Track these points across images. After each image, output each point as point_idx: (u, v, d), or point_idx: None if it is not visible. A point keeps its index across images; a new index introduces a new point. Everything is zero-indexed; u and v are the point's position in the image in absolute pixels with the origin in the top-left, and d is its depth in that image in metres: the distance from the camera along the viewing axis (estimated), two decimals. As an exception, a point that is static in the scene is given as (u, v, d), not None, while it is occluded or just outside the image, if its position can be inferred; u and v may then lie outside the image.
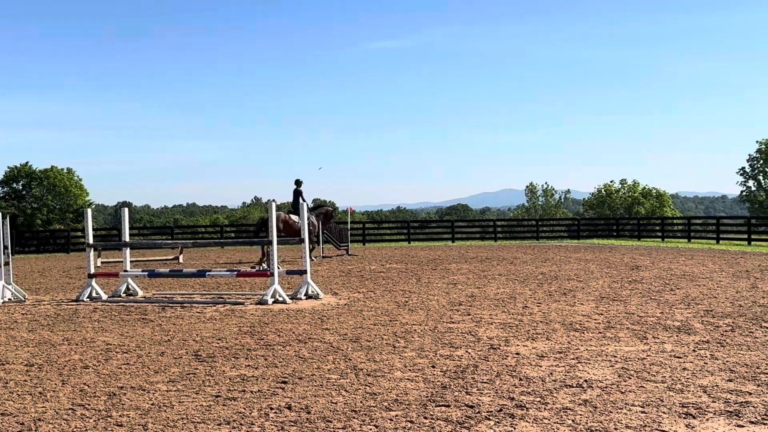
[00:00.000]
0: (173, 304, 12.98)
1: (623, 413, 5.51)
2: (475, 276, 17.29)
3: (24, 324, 10.91)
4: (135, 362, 7.79)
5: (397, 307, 11.81)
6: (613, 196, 74.51)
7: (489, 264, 21.24)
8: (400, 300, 12.78)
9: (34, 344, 9.07)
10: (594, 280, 15.64)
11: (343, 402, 5.99)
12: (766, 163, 69.56)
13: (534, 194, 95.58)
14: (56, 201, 67.95)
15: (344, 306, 12.18)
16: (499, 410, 5.65)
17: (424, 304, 12.09)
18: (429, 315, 10.87)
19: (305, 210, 14.12)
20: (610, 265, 19.82)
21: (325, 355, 7.94)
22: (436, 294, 13.60)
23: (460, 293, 13.65)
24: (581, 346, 8.23)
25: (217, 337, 9.25)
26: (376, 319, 10.60)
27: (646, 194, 73.52)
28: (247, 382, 6.77)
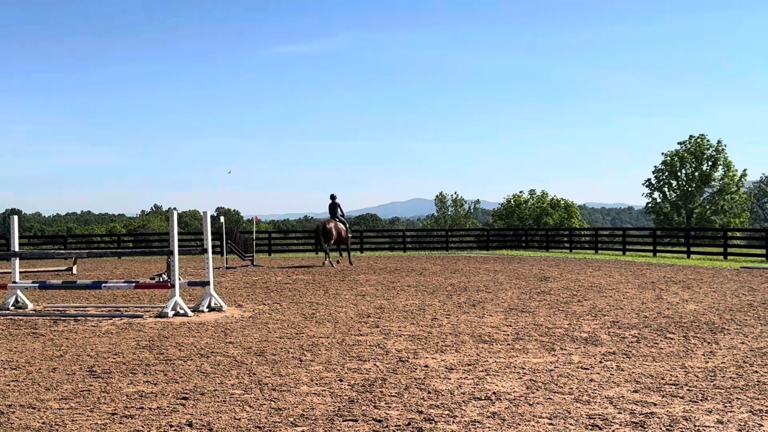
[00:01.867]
0: (66, 317, 12.40)
1: (531, 425, 5.47)
2: (383, 287, 17.20)
3: None
4: (24, 379, 7.37)
5: (303, 320, 11.59)
6: (522, 207, 75.87)
7: (398, 275, 21.22)
8: (307, 312, 12.57)
9: None
10: (503, 292, 15.77)
11: (247, 418, 5.77)
12: (671, 175, 72.19)
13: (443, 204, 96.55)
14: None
15: (249, 318, 11.88)
16: (407, 424, 5.53)
17: (332, 316, 11.91)
18: (337, 327, 10.70)
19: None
20: (519, 276, 20.06)
21: (229, 370, 7.68)
22: (344, 306, 13.44)
23: (368, 305, 13.52)
24: (490, 358, 8.20)
25: (113, 352, 8.85)
26: (282, 331, 10.36)
27: (555, 205, 75.17)
28: (145, 398, 6.48)
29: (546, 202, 75.57)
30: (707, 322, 10.88)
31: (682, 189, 72.20)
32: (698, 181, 70.99)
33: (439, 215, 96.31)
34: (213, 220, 13.36)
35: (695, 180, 71.09)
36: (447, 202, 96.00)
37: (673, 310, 12.32)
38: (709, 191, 72.14)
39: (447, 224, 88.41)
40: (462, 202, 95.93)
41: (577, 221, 73.89)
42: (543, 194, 76.82)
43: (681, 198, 72.23)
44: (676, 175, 72.07)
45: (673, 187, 73.03)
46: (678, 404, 6.09)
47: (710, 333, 9.89)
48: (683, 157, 71.14)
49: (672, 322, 10.89)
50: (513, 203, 76.76)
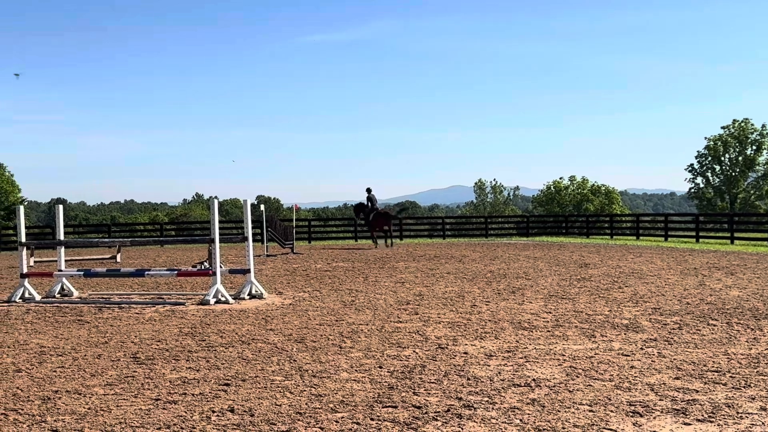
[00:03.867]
0: (110, 304, 12.65)
1: (571, 412, 5.46)
2: (423, 274, 17.24)
3: (-46, 326, 10.51)
4: (70, 365, 7.53)
5: (343, 307, 11.67)
6: (562, 193, 75.37)
7: (437, 262, 21.23)
8: (347, 299, 12.65)
9: (-37, 347, 8.73)
10: (543, 278, 15.71)
11: (288, 404, 5.84)
12: (714, 159, 71.15)
13: (483, 191, 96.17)
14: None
15: (289, 306, 12.00)
16: (446, 410, 5.55)
17: (371, 304, 11.98)
18: (376, 314, 10.75)
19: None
20: (559, 263, 19.96)
21: (269, 357, 7.77)
22: (384, 293, 13.50)
23: (407, 292, 13.57)
24: (529, 345, 8.19)
25: (156, 339, 9.00)
26: (321, 318, 10.45)
27: (596, 191, 74.57)
28: (188, 384, 6.58)
29: (586, 188, 74.98)
30: (751, 309, 10.74)
31: (725, 174, 71.12)
32: (742, 165, 69.87)
33: (478, 202, 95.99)
34: (253, 208, 13.49)
35: (739, 164, 69.98)
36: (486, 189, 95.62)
37: (716, 297, 12.18)
38: (754, 176, 70.99)
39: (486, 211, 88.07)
40: (501, 188, 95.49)
41: (618, 207, 73.24)
42: (583, 180, 76.20)
43: (724, 183, 71.16)
44: (719, 159, 71.00)
45: (716, 172, 71.98)
46: (720, 391, 6.03)
47: (754, 319, 9.76)
48: (727, 142, 70.05)
49: (715, 309, 10.77)
50: (553, 190, 76.26)
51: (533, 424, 5.16)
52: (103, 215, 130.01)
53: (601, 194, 74.17)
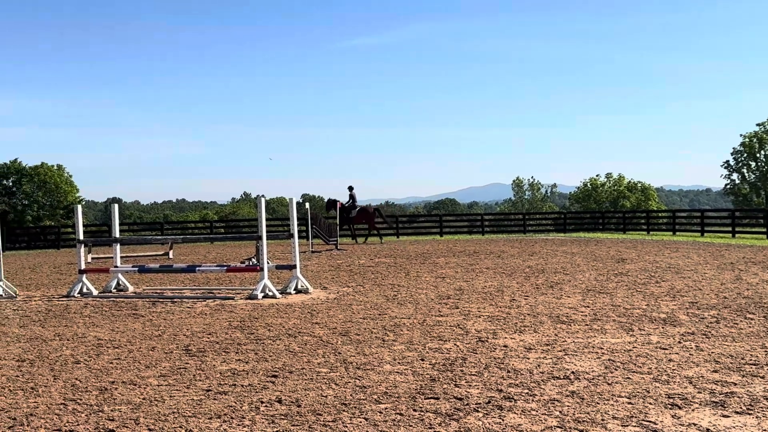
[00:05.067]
0: (163, 299, 13.01)
1: (610, 404, 5.58)
2: (463, 269, 17.36)
3: (15, 320, 10.92)
4: (126, 357, 7.82)
5: (386, 301, 11.86)
6: (598, 190, 74.76)
7: (477, 258, 21.32)
8: (389, 294, 12.84)
9: (25, 340, 9.10)
10: (580, 273, 15.74)
11: (333, 395, 6.03)
12: (749, 156, 70.03)
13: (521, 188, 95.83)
14: (46, 197, 67.61)
15: (334, 300, 12.23)
16: (487, 402, 5.71)
17: (413, 298, 12.16)
18: (418, 308, 10.93)
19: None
20: (597, 258, 19.92)
21: (315, 349, 7.99)
22: (425, 288, 13.67)
23: (448, 287, 13.72)
24: (568, 338, 8.31)
25: (207, 332, 9.29)
26: (365, 312, 10.66)
27: (632, 188, 73.83)
28: (237, 376, 6.81)
29: (623, 185, 74.29)
30: (792, 304, 10.71)
31: (760, 170, 69.96)
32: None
33: (516, 199, 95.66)
34: (299, 206, 13.76)
35: (774, 161, 68.86)
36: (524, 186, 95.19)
37: (753, 291, 12.15)
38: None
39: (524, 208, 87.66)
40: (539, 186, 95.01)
41: (654, 203, 72.45)
42: (620, 177, 75.52)
43: (760, 179, 69.99)
44: (754, 156, 69.90)
45: (751, 168, 70.86)
46: (758, 384, 6.09)
47: (795, 314, 9.74)
48: (762, 139, 68.90)
49: (752, 303, 10.77)
50: (590, 186, 75.68)
51: (573, 416, 5.29)
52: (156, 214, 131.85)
53: (638, 191, 73.41)
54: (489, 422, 5.20)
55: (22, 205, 66.67)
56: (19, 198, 67.47)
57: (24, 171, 67.94)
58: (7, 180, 68.55)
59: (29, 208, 66.55)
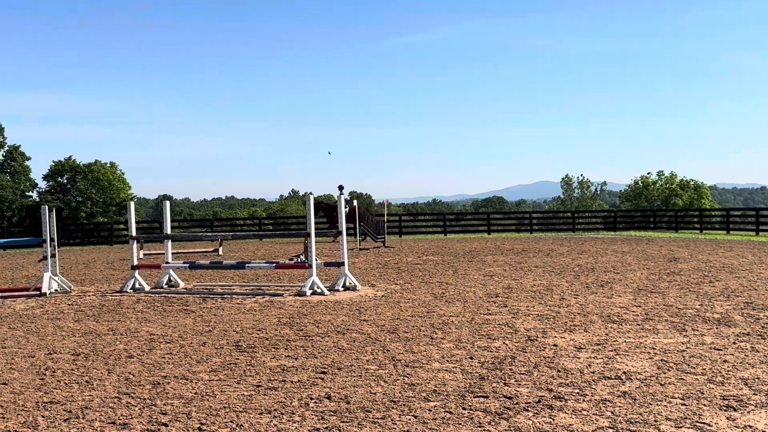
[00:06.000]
0: (214, 295, 13.17)
1: (663, 405, 5.51)
2: (511, 268, 17.27)
3: (70, 314, 11.15)
4: (178, 352, 7.94)
5: (434, 299, 11.86)
6: (650, 188, 73.72)
7: (525, 256, 21.19)
8: (437, 291, 12.83)
9: (80, 334, 9.28)
10: (631, 272, 15.55)
11: (382, 392, 6.05)
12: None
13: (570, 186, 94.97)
14: (100, 194, 68.95)
15: (382, 297, 12.25)
16: (537, 401, 5.67)
17: (461, 296, 12.13)
18: (466, 306, 10.91)
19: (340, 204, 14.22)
20: (648, 257, 19.66)
21: (364, 346, 8.02)
22: (473, 286, 13.62)
23: (496, 285, 13.66)
24: (619, 338, 8.21)
25: (257, 328, 9.38)
26: (413, 310, 10.67)
27: (684, 186, 72.66)
28: (287, 372, 6.87)
29: (675, 183, 73.14)
30: None
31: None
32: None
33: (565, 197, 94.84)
34: (346, 203, 13.79)
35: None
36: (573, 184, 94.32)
37: (815, 292, 11.87)
38: None
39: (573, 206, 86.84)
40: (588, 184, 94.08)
41: (707, 202, 71.18)
42: (671, 175, 74.37)
43: (817, 177, 68.31)
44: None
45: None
46: (816, 387, 5.97)
47: None
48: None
49: (813, 305, 10.52)
50: (641, 185, 74.66)
51: (625, 417, 5.23)
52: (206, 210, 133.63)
53: (690, 189, 72.20)
54: (539, 422, 5.17)
55: (77, 202, 68.11)
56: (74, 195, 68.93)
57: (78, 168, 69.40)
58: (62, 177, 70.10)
59: (83, 204, 67.97)
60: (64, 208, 63.87)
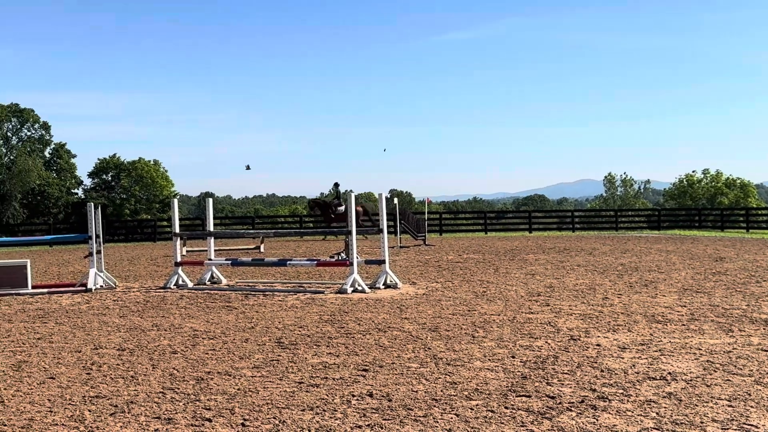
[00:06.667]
0: (256, 292, 13.27)
1: (709, 407, 5.42)
2: (553, 266, 17.14)
3: (115, 310, 11.32)
4: (221, 348, 8.01)
5: (475, 297, 11.81)
6: (695, 187, 72.66)
7: (567, 255, 21.02)
8: (478, 290, 12.78)
9: (125, 330, 9.42)
10: (676, 272, 15.33)
11: (424, 390, 6.04)
12: None
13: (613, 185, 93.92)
14: (143, 191, 70.05)
15: (423, 295, 12.24)
16: (581, 401, 5.62)
17: (503, 295, 12.07)
18: (507, 305, 10.85)
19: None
20: (693, 257, 19.38)
21: (405, 344, 8.02)
22: (514, 284, 13.55)
23: (538, 284, 13.57)
24: (664, 338, 8.11)
25: (298, 325, 9.43)
26: (454, 308, 10.64)
27: (730, 185, 71.50)
28: (328, 369, 6.90)
29: (720, 181, 71.97)
30: None
31: None
32: None
33: (608, 196, 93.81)
34: (387, 201, 13.81)
35: None
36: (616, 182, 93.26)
37: None
38: None
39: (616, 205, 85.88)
40: (632, 182, 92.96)
41: (753, 200, 69.93)
42: (717, 174, 73.19)
43: None
44: None
45: None
46: None
47: None
48: None
49: None
50: (685, 183, 73.61)
51: (670, 418, 5.16)
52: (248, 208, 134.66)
53: (736, 187, 70.99)
54: (583, 422, 5.13)
55: (121, 199, 69.20)
56: (118, 192, 70.05)
57: (122, 166, 70.53)
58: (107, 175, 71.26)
59: (127, 201, 69.05)
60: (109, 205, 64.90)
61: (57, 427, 5.28)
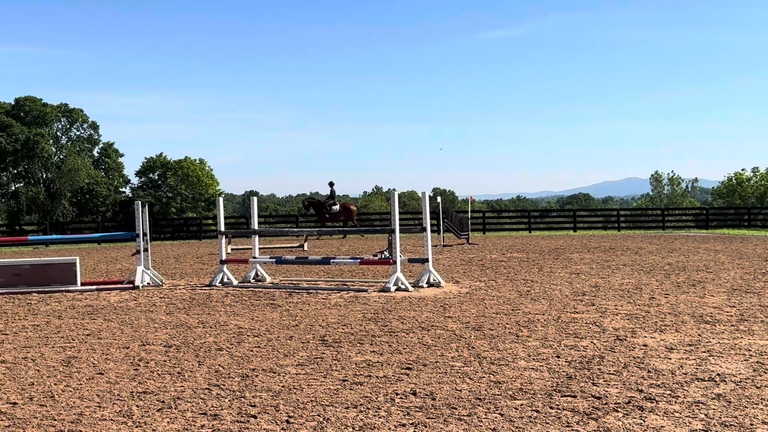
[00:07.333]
0: (299, 290, 13.35)
1: (759, 408, 5.32)
2: (598, 266, 16.96)
3: (162, 307, 11.48)
4: (265, 345, 8.07)
5: (519, 296, 11.74)
6: (744, 185, 71.23)
7: (613, 254, 20.78)
8: (522, 289, 12.70)
9: (171, 326, 9.54)
10: (725, 272, 15.07)
11: (468, 389, 6.03)
12: None
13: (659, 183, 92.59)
14: (189, 190, 70.83)
15: (466, 294, 12.20)
16: (627, 402, 5.56)
17: (547, 294, 11.98)
18: (552, 304, 10.76)
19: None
20: (742, 256, 19.02)
21: (449, 343, 8.00)
22: (559, 284, 13.44)
23: (583, 283, 13.44)
24: (713, 338, 7.97)
25: (342, 323, 9.47)
26: (498, 307, 10.59)
27: (781, 183, 69.96)
28: (372, 367, 6.91)
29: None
30: None
31: None
32: None
33: (654, 194, 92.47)
34: (430, 200, 13.78)
35: None
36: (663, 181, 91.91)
37: None
38: None
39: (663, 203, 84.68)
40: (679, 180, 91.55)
41: (807, 199, 68.32)
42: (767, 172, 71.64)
43: None
44: None
45: None
46: None
47: None
48: None
49: None
50: (734, 181, 72.19)
51: (719, 419, 5.08)
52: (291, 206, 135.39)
53: (787, 186, 69.40)
54: (629, 423, 5.07)
55: (167, 198, 70.07)
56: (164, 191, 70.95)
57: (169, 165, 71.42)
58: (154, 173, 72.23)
59: (173, 200, 69.90)
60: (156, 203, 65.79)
61: (106, 422, 5.36)
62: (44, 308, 11.73)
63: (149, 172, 72.55)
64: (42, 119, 66.49)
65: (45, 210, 62.53)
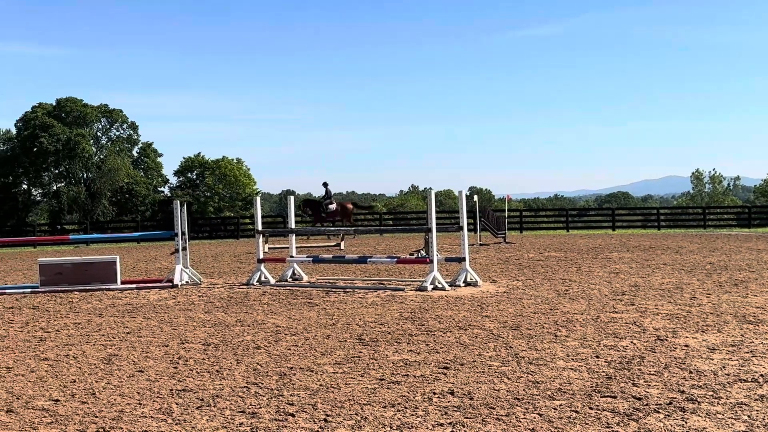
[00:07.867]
0: (336, 289, 13.37)
1: (804, 411, 5.22)
2: (638, 265, 16.77)
3: (200, 306, 11.57)
4: (303, 344, 8.10)
5: (557, 296, 11.65)
6: (787, 182, 70.10)
7: (653, 253, 20.53)
8: (560, 288, 12.60)
9: (210, 325, 9.62)
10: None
11: (506, 389, 5.99)
12: None
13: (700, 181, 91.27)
14: (227, 189, 71.40)
15: (503, 294, 12.14)
16: (668, 403, 5.48)
17: (586, 293, 11.87)
18: (591, 304, 10.66)
19: None
20: (787, 256, 18.68)
21: (486, 342, 7.96)
22: (598, 283, 13.30)
23: (622, 282, 13.29)
24: (756, 339, 7.83)
25: (379, 322, 9.47)
26: (536, 307, 10.51)
27: (826, 180, 68.76)
28: (409, 366, 6.90)
29: (816, 177, 69.19)
30: None
31: None
32: None
33: (695, 193, 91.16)
34: (466, 199, 13.73)
35: None
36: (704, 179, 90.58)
37: None
38: None
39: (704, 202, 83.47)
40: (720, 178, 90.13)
41: None
42: (813, 169, 70.43)
43: None
44: None
45: None
46: None
47: None
48: None
49: None
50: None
51: (762, 421, 4.99)
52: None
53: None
54: (671, 424, 4.99)
55: (205, 197, 70.72)
56: (202, 190, 71.61)
57: (206, 164, 72.07)
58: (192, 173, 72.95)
59: (211, 199, 70.53)
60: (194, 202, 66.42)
61: (146, 419, 5.42)
62: (85, 306, 11.90)
63: (187, 171, 73.27)
64: (83, 120, 67.46)
65: (86, 209, 63.49)
